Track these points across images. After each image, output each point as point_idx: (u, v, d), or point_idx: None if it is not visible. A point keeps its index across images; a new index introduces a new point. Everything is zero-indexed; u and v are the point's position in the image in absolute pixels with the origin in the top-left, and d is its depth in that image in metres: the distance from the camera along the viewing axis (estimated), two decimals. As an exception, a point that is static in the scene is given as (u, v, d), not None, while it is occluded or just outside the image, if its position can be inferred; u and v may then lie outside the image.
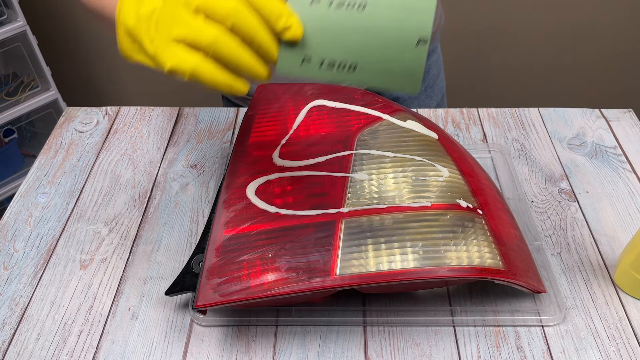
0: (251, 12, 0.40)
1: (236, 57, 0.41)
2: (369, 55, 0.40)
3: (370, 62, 0.40)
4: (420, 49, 0.40)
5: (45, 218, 0.65)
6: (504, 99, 1.82)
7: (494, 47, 1.70)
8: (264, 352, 0.51)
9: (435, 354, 0.51)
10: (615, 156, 0.71)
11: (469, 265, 0.49)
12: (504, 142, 0.73)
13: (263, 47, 0.41)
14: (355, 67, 0.41)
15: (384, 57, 0.40)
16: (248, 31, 0.40)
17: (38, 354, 0.52)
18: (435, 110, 0.78)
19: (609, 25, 1.66)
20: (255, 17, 0.40)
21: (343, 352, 0.51)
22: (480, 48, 1.69)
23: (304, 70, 0.41)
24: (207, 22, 0.40)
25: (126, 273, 0.59)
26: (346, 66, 0.41)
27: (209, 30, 0.40)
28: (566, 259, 0.59)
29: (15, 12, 1.44)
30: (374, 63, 0.40)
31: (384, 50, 0.40)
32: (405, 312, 0.54)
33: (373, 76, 0.41)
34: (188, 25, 0.40)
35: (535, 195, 0.66)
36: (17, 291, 0.57)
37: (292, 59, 0.41)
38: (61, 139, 0.75)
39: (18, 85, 1.53)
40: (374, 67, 0.41)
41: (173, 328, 0.54)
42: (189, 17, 0.40)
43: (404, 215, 0.52)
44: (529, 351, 0.51)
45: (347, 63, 0.41)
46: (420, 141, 0.58)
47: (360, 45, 0.40)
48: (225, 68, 0.41)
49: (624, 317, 0.53)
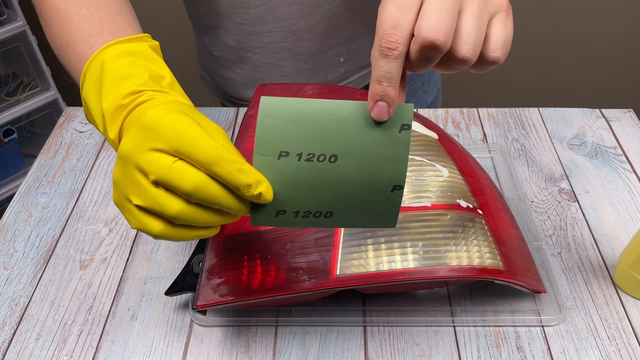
0: (216, 185, 0.37)
1: (203, 223, 0.39)
2: (344, 204, 0.39)
3: (345, 209, 0.40)
4: (395, 194, 0.39)
5: (45, 218, 0.65)
6: (504, 99, 1.82)
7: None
8: (264, 352, 0.51)
9: (435, 354, 0.51)
10: (615, 156, 0.71)
11: (469, 266, 0.49)
12: (504, 142, 0.73)
13: (233, 210, 0.39)
14: (332, 214, 0.40)
15: (359, 205, 0.39)
16: (215, 202, 0.38)
17: (38, 354, 0.52)
18: (436, 110, 0.78)
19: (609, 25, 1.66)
20: (222, 189, 0.38)
21: (343, 352, 0.51)
22: (480, 48, 1.69)
23: (279, 222, 0.40)
24: (169, 194, 0.37)
25: (126, 273, 0.59)
26: (322, 214, 0.40)
27: (173, 204, 0.37)
28: (566, 259, 0.59)
29: (15, 12, 1.44)
30: (349, 210, 0.40)
31: (359, 198, 0.39)
32: (405, 312, 0.54)
33: (349, 220, 0.41)
34: (149, 197, 0.38)
35: (535, 195, 0.66)
36: (17, 291, 0.57)
37: (266, 215, 0.40)
38: (61, 139, 0.75)
39: (18, 85, 1.53)
40: (349, 213, 0.40)
41: (173, 328, 0.53)
42: (149, 188, 0.38)
43: (404, 215, 0.52)
44: (529, 351, 0.51)
45: (323, 212, 0.40)
46: (420, 141, 0.58)
47: (334, 197, 0.39)
48: (193, 227, 0.40)
49: (624, 317, 0.53)
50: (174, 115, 0.38)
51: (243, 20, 0.73)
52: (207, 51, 0.82)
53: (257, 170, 0.38)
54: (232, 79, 0.82)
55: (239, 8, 0.72)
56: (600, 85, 1.79)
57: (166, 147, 0.37)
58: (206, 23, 0.77)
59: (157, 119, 0.38)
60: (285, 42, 0.75)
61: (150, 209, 0.38)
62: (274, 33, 0.74)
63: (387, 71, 0.35)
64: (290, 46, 0.75)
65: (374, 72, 0.36)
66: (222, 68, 0.82)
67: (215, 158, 0.37)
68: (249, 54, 0.77)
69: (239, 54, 0.77)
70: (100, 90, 0.44)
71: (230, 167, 0.37)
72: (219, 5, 0.73)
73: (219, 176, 0.37)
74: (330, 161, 0.38)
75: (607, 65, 1.74)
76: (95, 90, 0.45)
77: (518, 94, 1.82)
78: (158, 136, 0.37)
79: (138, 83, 0.43)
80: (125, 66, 0.44)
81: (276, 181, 0.39)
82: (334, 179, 0.38)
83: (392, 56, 0.35)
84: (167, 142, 0.37)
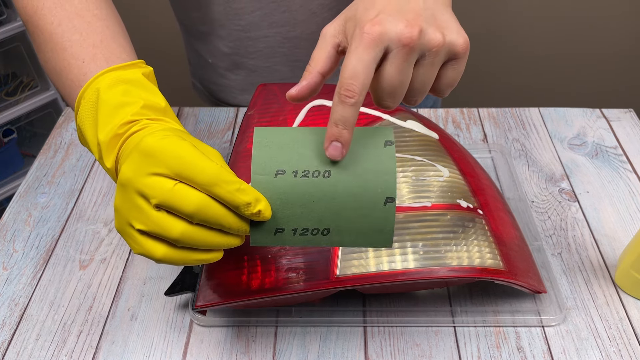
0: (217, 205, 0.38)
1: (206, 244, 0.40)
2: (340, 219, 0.41)
3: (341, 225, 0.41)
4: (388, 206, 0.40)
5: (45, 218, 0.65)
6: (504, 99, 1.82)
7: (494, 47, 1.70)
8: (264, 353, 0.51)
9: (436, 354, 0.51)
10: (615, 156, 0.70)
11: (469, 266, 0.49)
12: (505, 142, 0.73)
13: (234, 229, 0.40)
14: (329, 231, 0.41)
15: (354, 220, 0.41)
16: (216, 222, 0.39)
17: (37, 354, 0.52)
18: (436, 110, 0.78)
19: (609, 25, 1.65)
20: (222, 209, 0.39)
21: (343, 353, 0.51)
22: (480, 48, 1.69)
23: (278, 240, 0.42)
24: (171, 217, 0.38)
25: (126, 273, 0.58)
26: (319, 231, 0.41)
27: (175, 226, 0.38)
28: (567, 259, 0.59)
29: (15, 12, 1.44)
30: (345, 226, 0.41)
31: (353, 213, 0.41)
32: (405, 313, 0.54)
33: (346, 237, 0.42)
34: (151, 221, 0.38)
35: (535, 195, 0.66)
36: (16, 291, 0.57)
37: (265, 233, 0.41)
38: (61, 139, 0.75)
39: (17, 85, 1.53)
40: (345, 229, 0.41)
41: (173, 328, 0.53)
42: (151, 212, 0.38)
43: (404, 215, 0.52)
44: (530, 351, 0.51)
45: (320, 228, 0.41)
46: (420, 141, 0.58)
47: (330, 211, 0.40)
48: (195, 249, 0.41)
49: (625, 318, 0.53)
50: (173, 140, 0.39)
51: (237, 27, 0.73)
52: (201, 58, 0.81)
53: (255, 189, 0.40)
54: (228, 86, 0.81)
55: (233, 15, 0.72)
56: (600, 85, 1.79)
57: (166, 171, 0.38)
58: (199, 30, 0.77)
59: (156, 144, 0.39)
60: (281, 47, 0.74)
61: (152, 232, 0.39)
62: (270, 38, 0.74)
63: (344, 115, 0.38)
64: (286, 52, 0.75)
65: (331, 115, 0.39)
66: (216, 75, 0.81)
67: (215, 179, 0.38)
68: (245, 59, 0.77)
69: (234, 60, 0.77)
70: (96, 120, 0.45)
71: (230, 187, 0.38)
72: (213, 12, 0.72)
73: (219, 196, 0.38)
74: (325, 176, 0.40)
75: (608, 65, 1.74)
76: (90, 119, 0.46)
77: (518, 94, 1.82)
78: (158, 161, 0.38)
79: (132, 112, 0.44)
80: (120, 96, 0.45)
81: (274, 199, 0.40)
82: (329, 194, 0.40)
83: (348, 103, 0.38)
84: (167, 166, 0.38)
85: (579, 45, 1.71)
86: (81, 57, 0.49)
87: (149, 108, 0.45)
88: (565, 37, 1.69)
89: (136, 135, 0.42)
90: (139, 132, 0.43)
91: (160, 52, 1.59)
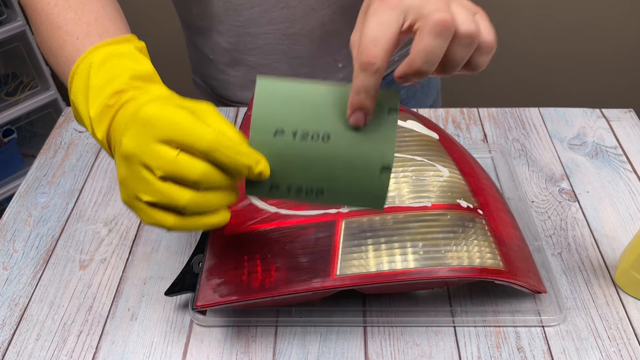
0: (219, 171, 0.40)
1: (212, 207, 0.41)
2: (335, 182, 0.41)
3: (336, 187, 0.42)
4: (384, 175, 0.41)
5: (45, 218, 0.65)
6: (504, 99, 1.82)
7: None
8: (264, 353, 0.51)
9: (436, 354, 0.51)
10: (615, 156, 0.70)
11: (469, 266, 0.49)
12: (505, 142, 0.73)
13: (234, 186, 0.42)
14: (322, 192, 0.42)
15: (349, 184, 0.41)
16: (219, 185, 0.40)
17: (37, 354, 0.52)
18: (436, 110, 0.78)
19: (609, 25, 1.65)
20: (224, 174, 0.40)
21: (343, 353, 0.51)
22: (480, 48, 1.69)
23: (272, 195, 0.43)
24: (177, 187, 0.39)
25: (126, 273, 0.58)
26: (313, 191, 0.42)
27: (182, 195, 0.39)
28: (567, 259, 0.59)
29: (15, 12, 1.44)
30: (339, 188, 0.42)
31: (349, 178, 0.41)
32: (405, 313, 0.54)
33: (339, 198, 0.42)
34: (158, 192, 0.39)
35: (535, 195, 0.66)
36: (16, 291, 0.57)
37: (260, 187, 0.42)
38: (61, 139, 0.75)
39: (17, 85, 1.53)
40: (339, 191, 0.42)
41: (173, 328, 0.53)
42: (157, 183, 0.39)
43: (404, 215, 0.52)
44: (530, 351, 0.51)
45: (314, 188, 0.42)
46: (420, 141, 0.58)
47: (326, 173, 0.41)
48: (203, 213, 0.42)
49: (625, 318, 0.53)
50: (170, 108, 0.40)
51: (237, 23, 0.73)
52: (201, 54, 0.82)
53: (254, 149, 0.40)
54: (228, 82, 0.81)
55: (232, 10, 0.72)
56: (600, 85, 1.79)
57: (167, 139, 0.39)
58: (200, 25, 0.77)
59: (154, 113, 0.40)
60: (280, 44, 0.74)
61: (160, 203, 0.40)
62: (269, 35, 0.74)
63: (365, 84, 0.38)
64: (285, 49, 0.75)
65: (353, 83, 0.38)
66: (217, 71, 0.81)
67: (214, 145, 0.39)
68: (245, 55, 0.77)
69: (234, 56, 0.77)
70: (87, 92, 0.45)
71: (229, 151, 0.39)
72: (212, 8, 0.72)
73: (220, 162, 0.39)
74: (324, 140, 0.40)
75: (608, 65, 1.74)
76: (83, 92, 0.46)
77: (518, 94, 1.82)
78: (157, 130, 0.39)
79: (121, 82, 0.44)
80: (111, 68, 0.46)
81: (271, 158, 0.41)
82: (327, 157, 0.40)
83: (370, 70, 0.37)
84: (166, 134, 0.39)
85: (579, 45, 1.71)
86: (75, 34, 0.49)
87: (139, 78, 0.45)
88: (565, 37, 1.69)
89: (131, 105, 0.43)
90: (132, 102, 0.43)
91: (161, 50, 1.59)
